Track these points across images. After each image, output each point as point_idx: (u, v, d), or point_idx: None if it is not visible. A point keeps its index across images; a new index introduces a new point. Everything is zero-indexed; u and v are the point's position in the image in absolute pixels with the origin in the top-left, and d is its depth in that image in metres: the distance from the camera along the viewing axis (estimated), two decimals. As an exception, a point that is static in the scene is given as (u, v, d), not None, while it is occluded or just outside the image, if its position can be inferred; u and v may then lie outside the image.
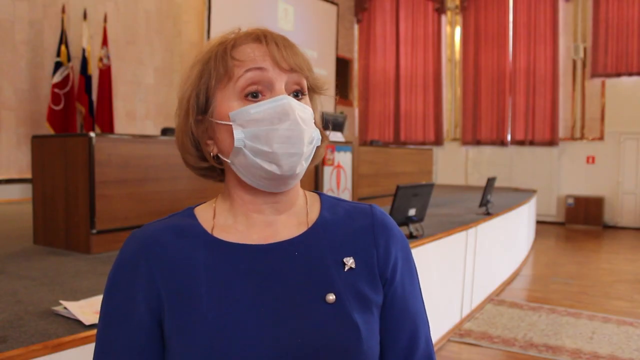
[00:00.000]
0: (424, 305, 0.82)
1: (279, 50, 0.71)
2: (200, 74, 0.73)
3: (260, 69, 0.70)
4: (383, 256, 0.77)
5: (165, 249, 0.72)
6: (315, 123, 0.77)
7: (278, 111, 0.69)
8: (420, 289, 0.83)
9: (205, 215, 0.77)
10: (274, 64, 0.71)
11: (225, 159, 0.74)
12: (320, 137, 0.76)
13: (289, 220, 0.77)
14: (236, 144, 0.70)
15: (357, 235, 0.77)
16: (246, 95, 0.71)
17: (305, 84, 0.74)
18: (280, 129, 0.69)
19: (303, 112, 0.71)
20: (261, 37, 0.73)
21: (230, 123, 0.71)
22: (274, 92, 0.71)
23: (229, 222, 0.76)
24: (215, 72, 0.72)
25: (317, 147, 0.78)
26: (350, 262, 0.75)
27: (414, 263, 0.83)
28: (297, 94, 0.73)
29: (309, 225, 0.77)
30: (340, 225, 0.78)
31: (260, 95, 0.71)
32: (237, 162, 0.73)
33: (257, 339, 0.67)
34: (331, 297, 0.71)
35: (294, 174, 0.71)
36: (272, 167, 0.70)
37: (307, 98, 0.75)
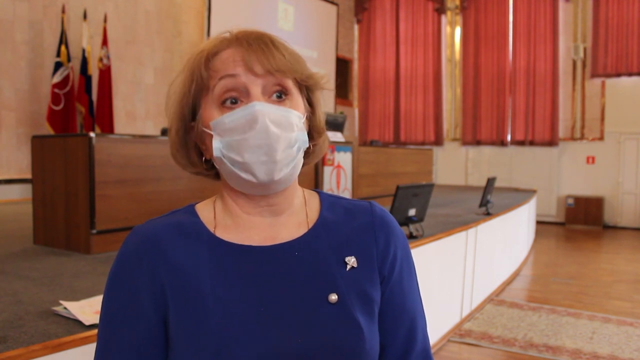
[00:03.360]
0: (421, 301, 0.83)
1: (251, 53, 0.69)
2: (182, 85, 0.73)
3: (232, 76, 0.69)
4: (382, 252, 0.77)
5: (168, 246, 0.72)
6: (317, 121, 0.77)
7: (248, 119, 0.68)
8: (418, 285, 0.84)
9: (206, 213, 0.77)
10: (247, 69, 0.69)
11: (215, 164, 0.74)
12: (306, 139, 0.73)
13: (289, 221, 0.76)
14: (215, 153, 0.70)
15: (357, 233, 0.78)
16: (223, 103, 0.70)
17: (289, 84, 0.71)
18: (250, 138, 0.67)
19: (278, 116, 0.69)
20: (233, 41, 0.71)
21: (212, 132, 0.70)
22: (249, 98, 0.69)
23: (229, 222, 0.76)
24: (195, 83, 0.71)
25: (316, 145, 0.78)
26: (352, 261, 0.75)
27: (413, 260, 0.84)
28: (279, 95, 0.71)
29: (310, 226, 0.77)
30: (340, 224, 0.78)
31: (238, 102, 0.70)
32: (221, 170, 0.73)
33: (260, 339, 0.67)
34: (334, 298, 0.71)
35: (273, 181, 0.69)
36: (248, 176, 0.69)
37: (292, 98, 0.72)
